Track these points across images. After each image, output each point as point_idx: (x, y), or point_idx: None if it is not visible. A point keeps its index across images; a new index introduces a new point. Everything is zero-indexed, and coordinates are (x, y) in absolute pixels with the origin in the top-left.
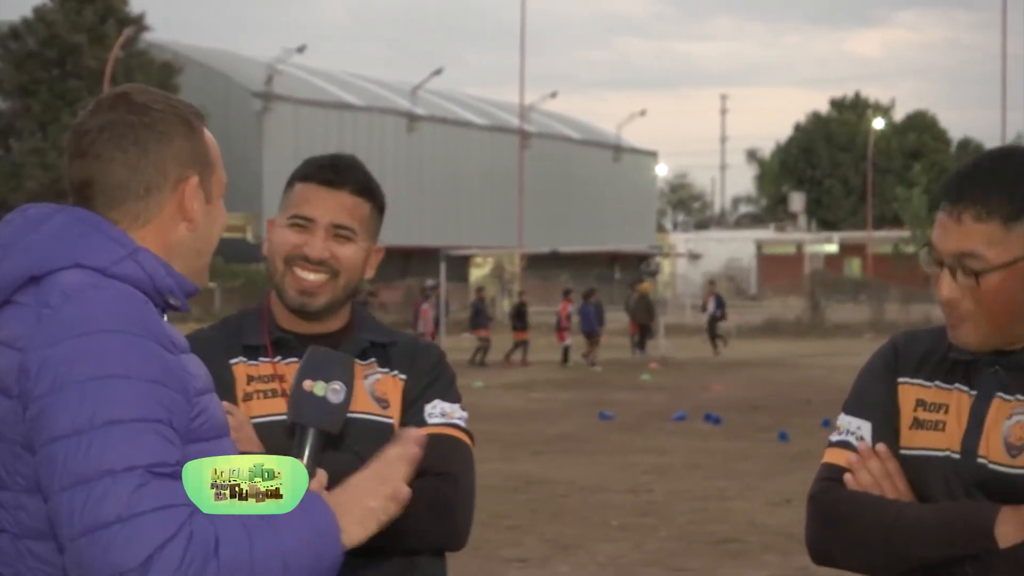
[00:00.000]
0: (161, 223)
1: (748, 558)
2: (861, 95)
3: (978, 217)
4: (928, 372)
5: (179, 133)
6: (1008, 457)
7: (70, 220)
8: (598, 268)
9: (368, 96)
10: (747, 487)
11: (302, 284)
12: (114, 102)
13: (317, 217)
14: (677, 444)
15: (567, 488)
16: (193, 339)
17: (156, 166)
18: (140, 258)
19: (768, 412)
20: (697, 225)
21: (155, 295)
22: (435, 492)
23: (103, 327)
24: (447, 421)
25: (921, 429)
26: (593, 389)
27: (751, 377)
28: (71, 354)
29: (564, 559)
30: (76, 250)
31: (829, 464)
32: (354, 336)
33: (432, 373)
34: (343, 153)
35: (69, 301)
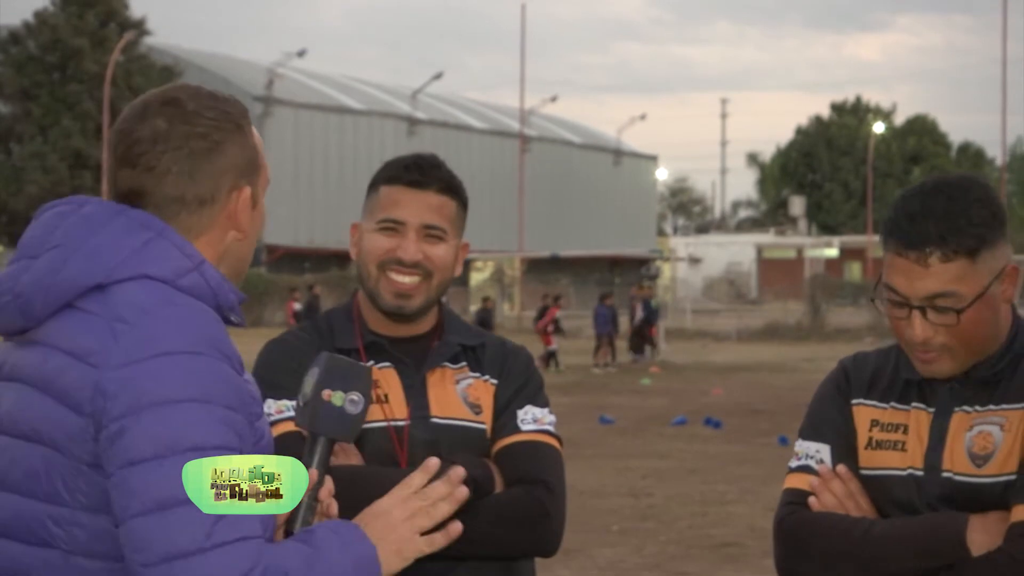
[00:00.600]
0: (216, 234)
1: (748, 563)
2: (862, 99)
3: (945, 258)
4: (880, 393)
5: (232, 142)
6: (973, 467)
7: (131, 224)
8: (598, 272)
9: (368, 100)
10: (747, 491)
11: (397, 287)
12: (164, 108)
13: (407, 219)
14: (677, 448)
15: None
16: (283, 342)
17: (211, 179)
18: (205, 271)
19: (768, 416)
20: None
21: (216, 309)
22: (531, 499)
23: (183, 348)
24: (539, 428)
25: (880, 449)
26: (593, 393)
27: (751, 381)
28: (151, 375)
29: (564, 563)
30: (144, 259)
31: (792, 489)
32: (445, 339)
33: (522, 377)
34: (424, 153)
35: (147, 317)
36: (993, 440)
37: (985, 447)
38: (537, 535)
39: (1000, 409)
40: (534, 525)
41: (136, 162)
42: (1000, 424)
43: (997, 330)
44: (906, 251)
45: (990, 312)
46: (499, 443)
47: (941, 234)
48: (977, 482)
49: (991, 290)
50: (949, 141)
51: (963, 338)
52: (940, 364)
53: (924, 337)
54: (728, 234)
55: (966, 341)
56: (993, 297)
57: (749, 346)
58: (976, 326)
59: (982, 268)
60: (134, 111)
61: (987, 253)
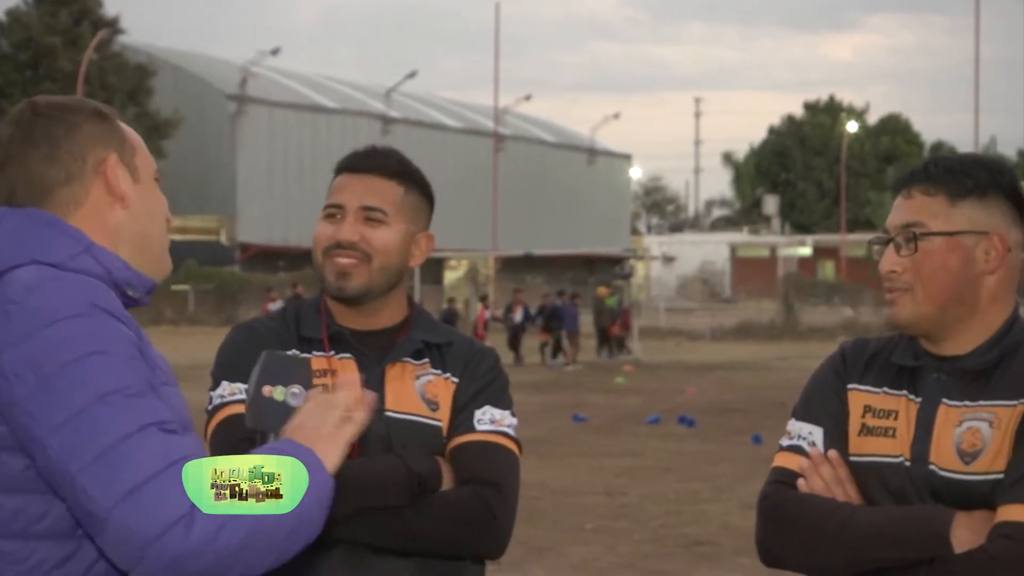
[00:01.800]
0: (93, 206)
1: (721, 561)
2: (835, 99)
3: (926, 192)
4: (875, 378)
5: (87, 120)
6: (961, 464)
7: (24, 219)
8: (572, 271)
9: (342, 99)
10: (721, 490)
11: (336, 267)
12: (20, 112)
13: (345, 202)
14: (651, 447)
15: (540, 491)
16: (248, 328)
17: (71, 152)
18: (96, 252)
19: (742, 415)
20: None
21: (113, 288)
22: (478, 500)
23: (69, 313)
24: (495, 428)
25: (871, 436)
26: (567, 392)
27: (725, 380)
28: (44, 346)
29: (538, 561)
30: (33, 247)
31: (780, 467)
32: (409, 335)
33: (485, 378)
34: (383, 146)
35: (32, 294)
36: (982, 437)
37: (974, 444)
38: (482, 537)
39: (991, 405)
40: (480, 526)
41: (5, 164)
42: (989, 421)
43: (971, 300)
44: (900, 188)
45: (958, 264)
46: (453, 441)
47: (928, 170)
48: (964, 480)
49: (964, 240)
50: (922, 140)
51: (922, 276)
52: (901, 306)
53: (888, 267)
54: (702, 233)
55: (924, 281)
56: (966, 251)
57: (723, 345)
58: (937, 269)
59: (960, 215)
60: (4, 123)
61: (971, 205)
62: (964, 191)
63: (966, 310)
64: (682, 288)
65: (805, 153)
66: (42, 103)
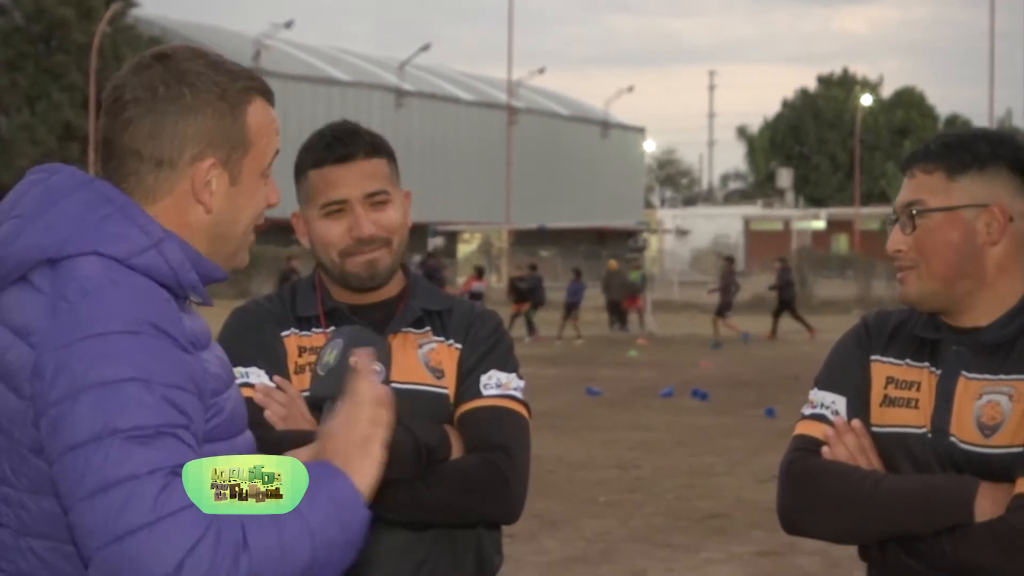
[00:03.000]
0: (175, 202)
1: (734, 534)
2: (849, 72)
3: (925, 170)
4: (898, 350)
5: (208, 110)
6: (981, 437)
7: (94, 198)
8: (585, 244)
9: (356, 72)
10: (734, 463)
11: (363, 266)
12: (151, 63)
13: (348, 196)
14: (664, 420)
15: (554, 464)
16: (245, 311)
17: (172, 141)
18: (165, 249)
19: (755, 388)
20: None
21: (177, 288)
22: (488, 466)
23: (120, 327)
24: (503, 392)
25: (893, 407)
26: (580, 365)
27: (738, 353)
28: (86, 357)
29: (551, 534)
30: (97, 236)
31: (804, 435)
32: (408, 305)
33: (489, 342)
34: (333, 122)
35: (87, 298)
36: (1002, 410)
37: (994, 417)
38: (495, 502)
39: (1011, 379)
40: (492, 492)
41: (111, 111)
42: (1009, 394)
43: (977, 272)
44: (905, 168)
45: (959, 238)
46: (461, 408)
47: (928, 148)
48: (985, 452)
49: (964, 214)
50: (936, 114)
51: (925, 253)
52: (908, 284)
53: (893, 246)
54: (716, 206)
55: (928, 258)
56: (966, 225)
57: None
58: (938, 245)
59: (960, 190)
60: (131, 63)
61: (971, 179)
62: (963, 166)
63: (974, 283)
64: (696, 261)
65: (819, 126)
66: (176, 68)
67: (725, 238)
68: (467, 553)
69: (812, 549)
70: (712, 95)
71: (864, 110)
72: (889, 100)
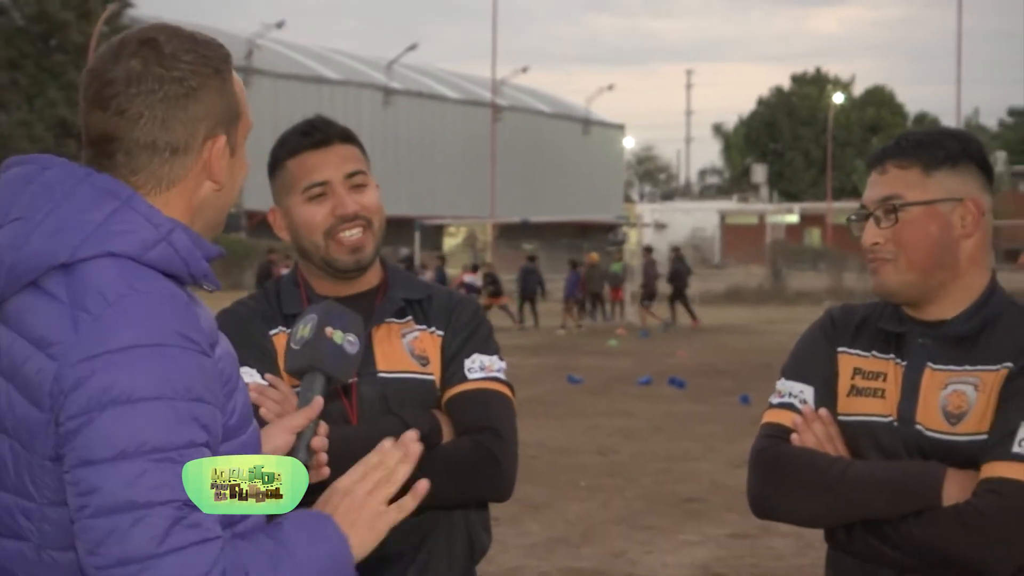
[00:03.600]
0: (188, 184)
1: (710, 517)
2: (821, 71)
3: (900, 165)
4: (864, 342)
5: (209, 88)
6: (947, 425)
7: (96, 193)
8: (567, 238)
9: (345, 70)
10: (710, 449)
11: (348, 244)
12: (140, 48)
13: (330, 177)
14: (643, 407)
15: (537, 449)
16: (232, 313)
17: (185, 126)
18: (175, 240)
19: (731, 376)
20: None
21: (187, 278)
22: (479, 447)
23: (146, 340)
24: (487, 375)
25: (860, 396)
26: (562, 354)
27: (714, 343)
28: (111, 371)
29: (534, 518)
30: (108, 235)
31: (773, 423)
32: (388, 295)
33: (470, 327)
34: (307, 117)
35: (109, 308)
36: (967, 399)
37: (960, 406)
38: (488, 481)
39: (976, 370)
40: (484, 472)
41: (108, 105)
42: (975, 384)
43: (952, 264)
44: (875, 165)
45: (937, 231)
46: (448, 393)
47: (901, 145)
48: (951, 440)
49: (941, 208)
50: (906, 112)
51: (904, 245)
52: (885, 273)
53: (871, 241)
54: (693, 201)
55: (907, 249)
56: (943, 218)
57: (712, 309)
58: (917, 237)
59: (935, 184)
60: (109, 50)
61: (945, 174)
62: (937, 161)
63: (948, 274)
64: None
65: (793, 124)
66: (168, 48)
67: (702, 231)
68: (460, 533)
69: (785, 531)
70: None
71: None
72: (860, 98)
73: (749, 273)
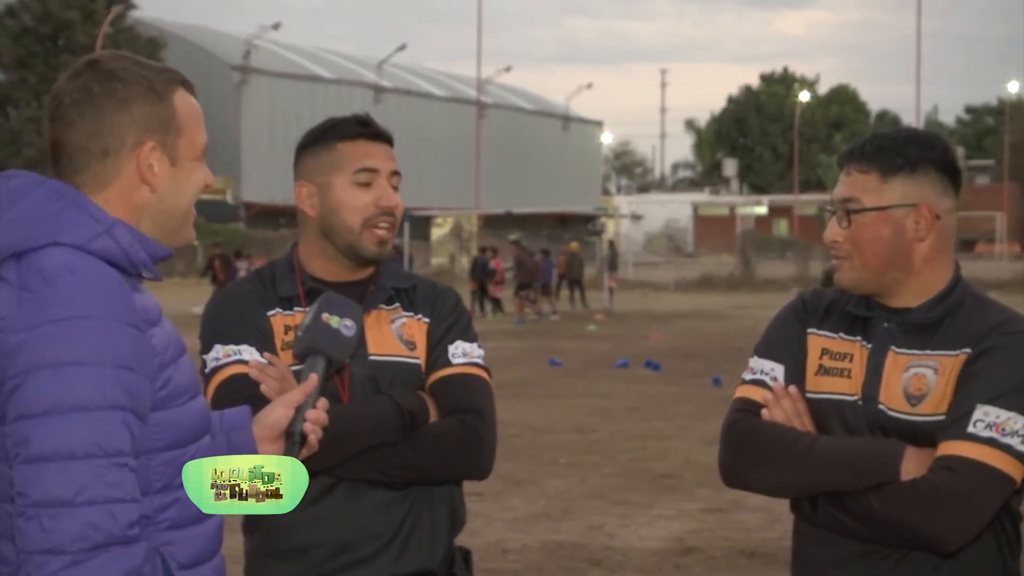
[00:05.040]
0: (122, 186)
1: (683, 492)
2: (788, 70)
3: (861, 169)
4: (832, 324)
5: (140, 100)
6: (908, 405)
7: (49, 195)
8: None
9: (338, 70)
10: (683, 428)
11: (380, 237)
12: (83, 69)
13: (380, 167)
14: (619, 389)
15: (519, 429)
16: (231, 292)
17: (113, 130)
18: (115, 233)
19: (703, 359)
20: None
21: (129, 267)
22: (464, 427)
23: (77, 313)
24: (469, 360)
25: (827, 375)
26: (543, 338)
27: (687, 328)
28: (47, 338)
29: (516, 493)
30: (55, 228)
31: (745, 398)
32: (380, 283)
33: (452, 315)
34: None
35: (48, 286)
36: (927, 382)
37: (920, 388)
38: (472, 459)
39: (936, 354)
40: (469, 449)
41: (56, 116)
42: (935, 368)
43: (905, 264)
44: (842, 164)
45: (889, 234)
46: (433, 376)
47: (864, 149)
48: (911, 420)
49: (894, 213)
50: (868, 109)
51: (858, 246)
52: (843, 271)
53: (830, 237)
54: (667, 193)
55: (860, 250)
56: (896, 223)
57: (686, 296)
58: (870, 240)
59: (892, 191)
60: (67, 73)
61: (903, 181)
62: (895, 168)
63: (902, 273)
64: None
65: (761, 120)
66: (105, 68)
67: (676, 222)
68: (442, 507)
69: (755, 506)
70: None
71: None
72: (825, 96)
73: (720, 262)
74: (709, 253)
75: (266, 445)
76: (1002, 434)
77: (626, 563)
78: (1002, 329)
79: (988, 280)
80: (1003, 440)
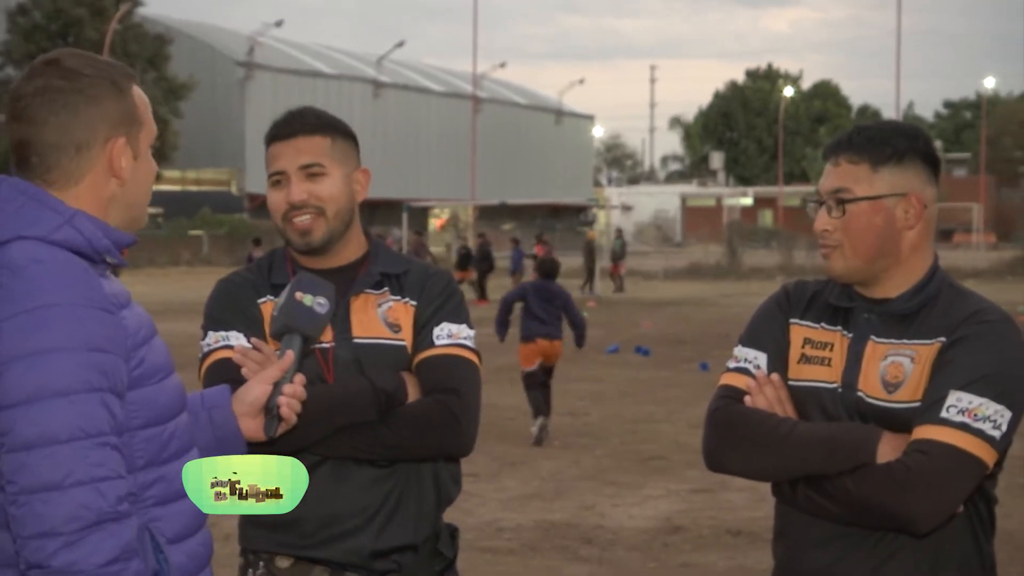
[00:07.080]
0: (93, 180)
1: (672, 473)
2: (773, 66)
3: (851, 160)
4: (814, 315)
5: (108, 96)
6: (885, 392)
7: (9, 192)
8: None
9: (338, 65)
10: (672, 411)
11: (297, 227)
12: (45, 68)
13: (285, 167)
14: (611, 373)
15: (514, 412)
16: (227, 281)
17: (86, 127)
18: (77, 223)
19: (691, 345)
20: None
21: (94, 255)
22: (439, 406)
23: (48, 301)
24: (453, 341)
25: (809, 364)
26: None
27: (676, 315)
28: (20, 329)
29: (511, 474)
30: (17, 222)
31: (729, 385)
32: (368, 269)
33: (441, 297)
34: (297, 107)
35: (16, 278)
36: (904, 370)
37: (897, 376)
38: (447, 438)
39: (913, 343)
40: (443, 429)
41: (21, 116)
42: (911, 356)
43: (894, 252)
44: (829, 156)
45: (881, 223)
46: (417, 357)
47: (852, 140)
48: (887, 406)
49: (886, 202)
50: (850, 104)
51: (850, 236)
52: (834, 261)
53: (821, 227)
54: (656, 185)
55: (852, 240)
56: (888, 211)
57: (674, 284)
58: (863, 229)
59: (882, 181)
60: (24, 74)
61: (891, 171)
62: (884, 158)
63: (891, 261)
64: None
65: (747, 114)
66: (68, 66)
67: (664, 213)
68: (427, 483)
69: (741, 487)
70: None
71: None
72: (808, 92)
73: (708, 251)
74: (697, 243)
75: (247, 421)
76: (974, 419)
77: (616, 541)
78: (976, 318)
79: (966, 268)
80: (975, 425)
